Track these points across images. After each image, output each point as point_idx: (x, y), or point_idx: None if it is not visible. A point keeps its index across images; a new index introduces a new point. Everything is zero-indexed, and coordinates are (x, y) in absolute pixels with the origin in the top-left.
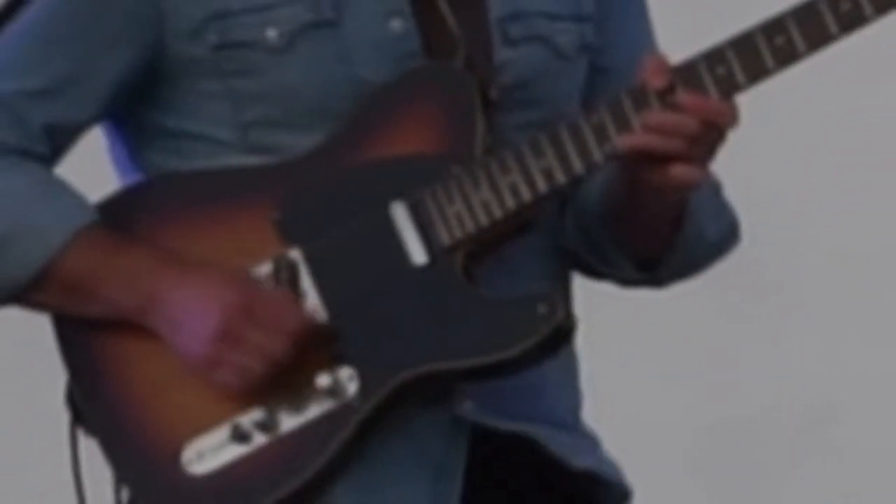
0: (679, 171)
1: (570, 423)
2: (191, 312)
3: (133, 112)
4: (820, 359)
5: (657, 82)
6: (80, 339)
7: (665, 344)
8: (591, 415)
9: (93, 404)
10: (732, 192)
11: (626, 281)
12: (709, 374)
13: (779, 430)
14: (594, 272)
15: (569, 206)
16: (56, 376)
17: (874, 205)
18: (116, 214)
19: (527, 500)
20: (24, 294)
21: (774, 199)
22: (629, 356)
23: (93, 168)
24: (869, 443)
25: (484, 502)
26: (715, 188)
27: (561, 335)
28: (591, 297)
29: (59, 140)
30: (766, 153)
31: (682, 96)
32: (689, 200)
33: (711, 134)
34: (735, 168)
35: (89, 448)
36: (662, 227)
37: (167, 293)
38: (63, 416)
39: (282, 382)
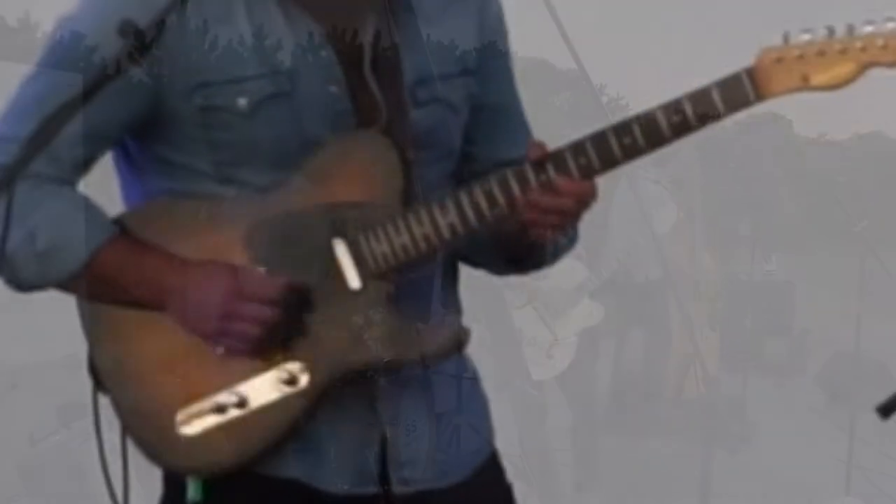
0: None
1: (454, 443)
2: (197, 302)
3: (139, 142)
4: None
5: (533, 154)
6: (103, 313)
7: None
8: None
9: (109, 367)
10: None
11: (497, 272)
12: None
13: None
14: (473, 264)
15: None
16: None
17: None
18: (130, 226)
19: None
20: (65, 287)
21: None
22: None
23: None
24: None
25: None
26: None
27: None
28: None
29: (85, 170)
30: None
31: (559, 181)
32: None
33: (580, 209)
34: None
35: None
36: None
37: (176, 287)
38: None
39: (256, 369)
